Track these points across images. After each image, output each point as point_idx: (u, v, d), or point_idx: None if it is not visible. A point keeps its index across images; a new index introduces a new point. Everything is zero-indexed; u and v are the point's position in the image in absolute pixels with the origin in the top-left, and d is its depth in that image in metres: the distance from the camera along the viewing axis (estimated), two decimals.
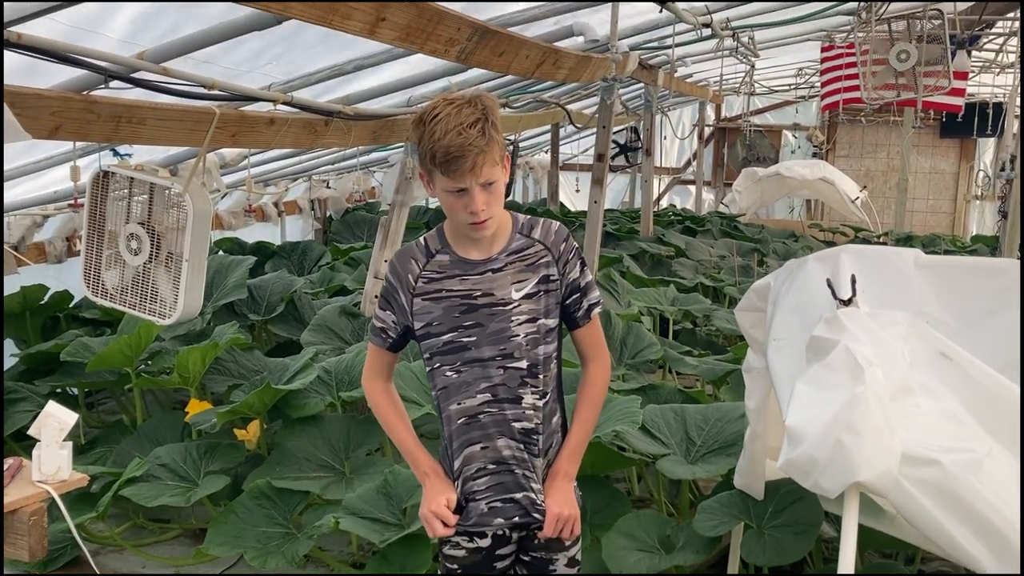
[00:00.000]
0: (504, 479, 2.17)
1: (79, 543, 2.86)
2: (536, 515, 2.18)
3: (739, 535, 3.12)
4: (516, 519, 2.19)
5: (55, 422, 2.53)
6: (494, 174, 2.02)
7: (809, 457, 1.80)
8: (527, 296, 2.13)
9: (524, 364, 2.12)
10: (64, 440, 2.55)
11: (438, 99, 2.04)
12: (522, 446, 2.16)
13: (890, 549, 3.48)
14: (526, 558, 2.27)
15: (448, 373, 2.16)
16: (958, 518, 1.74)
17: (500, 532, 2.22)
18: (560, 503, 2.19)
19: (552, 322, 2.17)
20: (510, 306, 2.12)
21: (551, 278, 2.16)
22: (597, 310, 2.25)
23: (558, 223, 2.22)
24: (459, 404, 2.16)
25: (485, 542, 2.22)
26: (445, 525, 2.16)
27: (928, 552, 3.15)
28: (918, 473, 1.75)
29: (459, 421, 2.17)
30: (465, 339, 2.13)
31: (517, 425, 2.15)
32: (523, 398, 2.14)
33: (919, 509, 1.75)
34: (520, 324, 2.13)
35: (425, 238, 2.20)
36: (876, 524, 2.43)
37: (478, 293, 2.13)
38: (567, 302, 2.20)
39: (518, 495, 2.18)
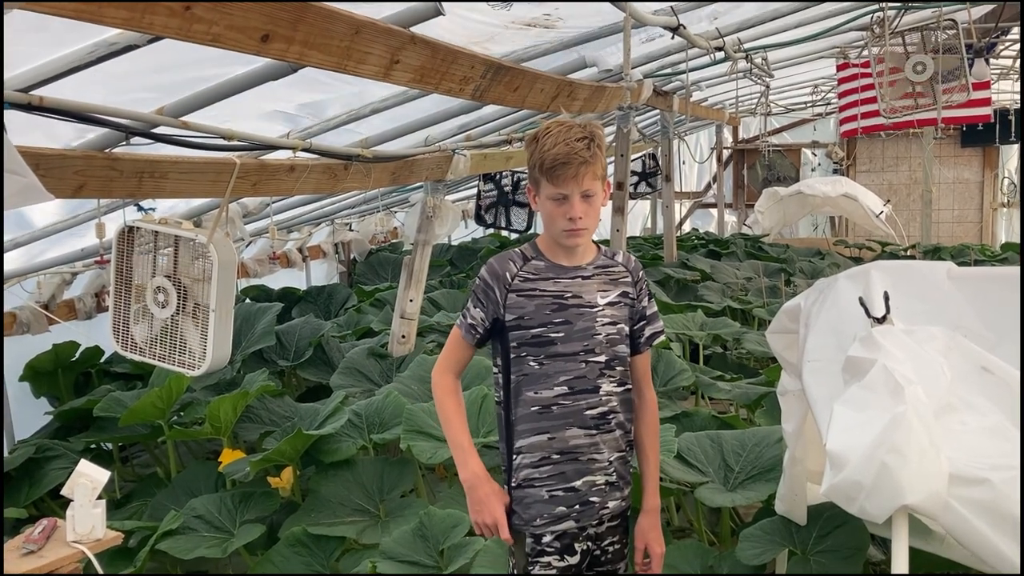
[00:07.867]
0: (565, 468, 2.32)
1: None
2: (593, 499, 2.33)
3: (784, 562, 3.05)
4: (574, 516, 2.32)
5: (88, 481, 2.53)
6: (594, 187, 2.26)
7: (853, 482, 1.75)
8: (610, 303, 2.36)
9: (603, 358, 2.33)
10: (98, 498, 2.54)
11: (551, 121, 2.28)
12: (594, 430, 2.33)
13: (939, 571, 3.39)
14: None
15: (531, 363, 2.31)
16: (1011, 536, 1.68)
17: (585, 547, 2.35)
18: (659, 540, 2.45)
19: (627, 329, 2.40)
20: (595, 309, 2.34)
21: (629, 295, 2.40)
22: (660, 338, 2.48)
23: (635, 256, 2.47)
24: (536, 393, 2.31)
25: (575, 559, 2.34)
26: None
27: (979, 572, 3.07)
28: (968, 493, 1.70)
29: (532, 408, 2.32)
30: (553, 334, 2.30)
31: (591, 412, 2.33)
32: (600, 387, 2.33)
33: (971, 529, 1.70)
34: (603, 325, 2.34)
35: (521, 248, 2.39)
36: (925, 545, 2.37)
37: (568, 295, 2.33)
38: (634, 328, 2.43)
39: (577, 482, 2.33)
